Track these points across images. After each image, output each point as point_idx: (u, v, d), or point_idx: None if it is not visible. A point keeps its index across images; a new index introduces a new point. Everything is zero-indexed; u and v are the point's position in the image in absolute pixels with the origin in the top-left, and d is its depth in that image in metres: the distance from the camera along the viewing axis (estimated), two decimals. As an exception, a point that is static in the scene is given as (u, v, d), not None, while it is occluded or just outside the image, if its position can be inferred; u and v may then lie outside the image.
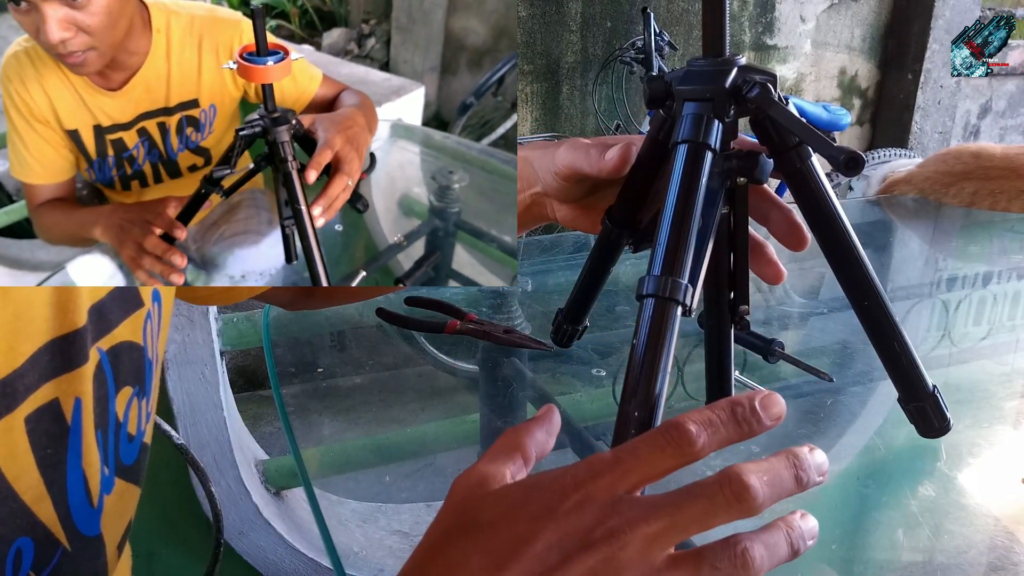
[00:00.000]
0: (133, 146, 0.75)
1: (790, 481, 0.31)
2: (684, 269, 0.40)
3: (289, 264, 0.71)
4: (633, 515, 0.29)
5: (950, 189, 1.54)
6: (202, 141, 0.78)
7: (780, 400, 0.32)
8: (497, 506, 0.31)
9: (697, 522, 0.29)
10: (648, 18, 2.61)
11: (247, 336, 1.44)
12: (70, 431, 0.42)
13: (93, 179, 0.77)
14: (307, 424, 0.92)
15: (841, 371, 0.91)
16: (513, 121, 0.98)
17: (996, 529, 0.68)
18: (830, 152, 0.42)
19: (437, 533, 0.32)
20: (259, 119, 0.66)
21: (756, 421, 0.32)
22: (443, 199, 0.74)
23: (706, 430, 0.31)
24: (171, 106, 0.75)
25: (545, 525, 0.29)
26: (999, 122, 4.07)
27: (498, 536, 0.30)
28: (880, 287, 0.48)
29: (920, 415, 0.50)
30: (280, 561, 1.49)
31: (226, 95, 0.77)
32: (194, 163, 0.79)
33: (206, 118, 0.77)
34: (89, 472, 0.44)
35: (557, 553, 0.29)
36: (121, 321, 0.47)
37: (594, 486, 0.30)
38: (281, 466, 1.58)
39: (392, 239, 0.77)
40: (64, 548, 0.42)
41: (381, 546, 1.54)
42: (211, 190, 0.67)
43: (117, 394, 0.47)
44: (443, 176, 0.74)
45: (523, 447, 0.36)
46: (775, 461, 0.31)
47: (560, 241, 1.48)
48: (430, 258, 0.74)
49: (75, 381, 0.42)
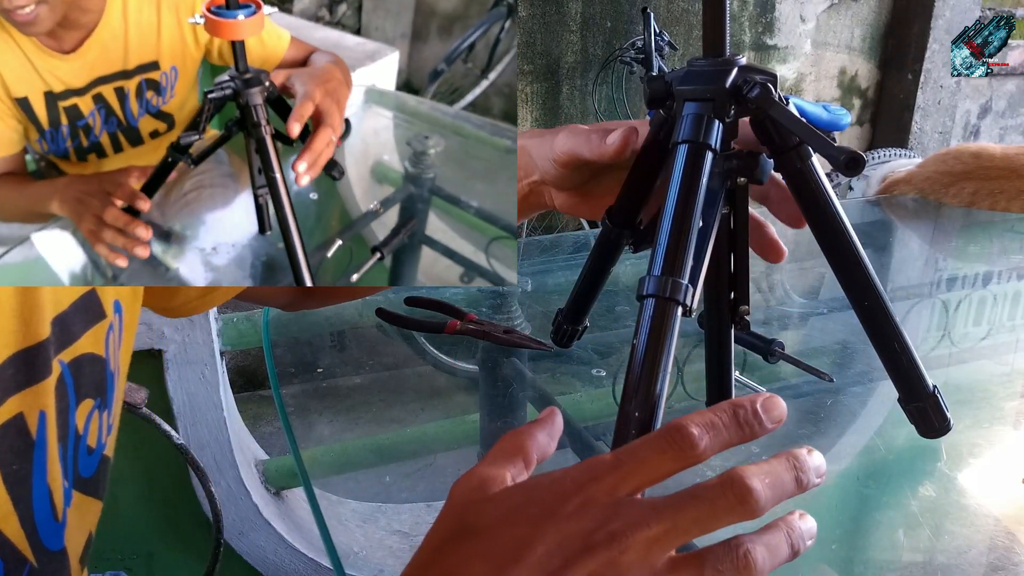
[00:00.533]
0: (88, 113, 0.70)
1: (791, 483, 0.31)
2: (684, 269, 0.40)
3: (263, 235, 0.68)
4: (634, 518, 0.29)
5: (950, 189, 1.54)
6: (164, 105, 0.74)
7: (781, 403, 0.32)
8: (497, 509, 0.31)
9: (699, 525, 0.29)
10: (648, 18, 2.61)
11: (247, 336, 1.44)
12: (35, 445, 0.42)
13: (45, 151, 0.72)
14: (307, 424, 0.92)
15: (841, 371, 0.91)
16: (482, 87, 0.97)
17: (996, 529, 0.68)
18: (830, 152, 0.42)
19: (437, 537, 0.32)
20: (229, 80, 0.61)
21: (758, 424, 0.32)
22: (418, 165, 0.72)
23: (708, 433, 0.31)
24: (129, 69, 0.70)
25: (545, 529, 0.29)
26: (999, 122, 4.07)
27: (498, 540, 0.30)
28: (880, 287, 0.48)
29: (920, 415, 0.50)
30: (280, 561, 1.49)
31: (188, 56, 0.72)
32: (156, 128, 0.75)
33: (167, 81, 0.72)
34: (53, 486, 0.43)
35: (558, 557, 0.29)
36: (83, 333, 0.47)
37: (594, 489, 0.30)
38: (281, 466, 1.58)
39: (364, 207, 0.75)
40: (31, 564, 0.42)
41: (381, 546, 1.54)
42: (178, 158, 0.63)
43: (78, 406, 0.46)
44: (419, 142, 0.71)
45: (524, 449, 0.36)
46: (776, 463, 0.31)
47: (560, 241, 1.48)
48: (407, 225, 0.72)
49: (39, 394, 0.42)
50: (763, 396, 0.32)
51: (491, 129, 0.78)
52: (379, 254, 0.70)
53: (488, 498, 0.32)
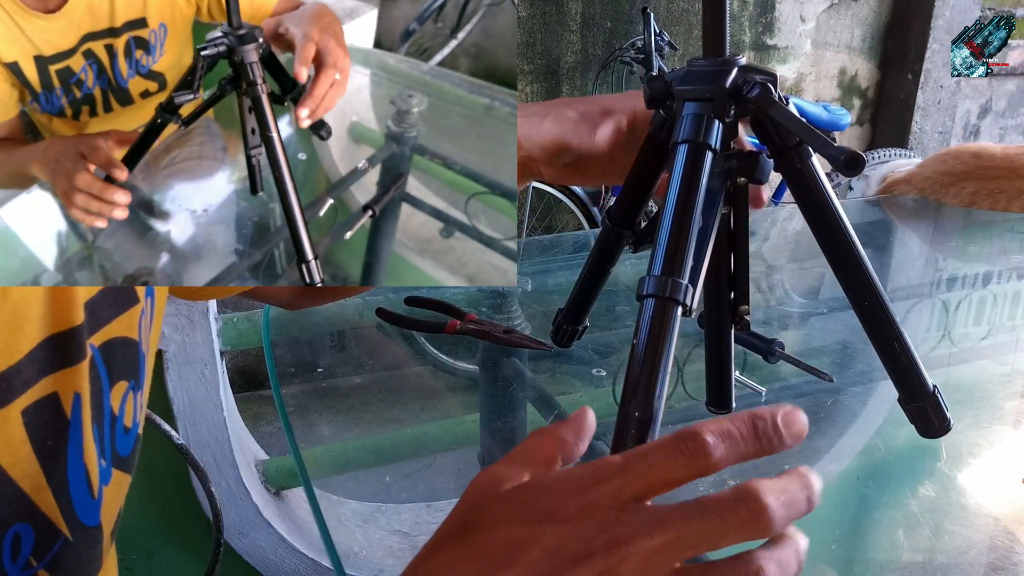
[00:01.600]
0: (80, 69, 0.68)
1: (803, 503, 0.29)
2: (684, 269, 0.40)
3: (255, 195, 0.68)
4: (638, 525, 0.28)
5: (950, 189, 1.54)
6: (153, 65, 0.72)
7: (803, 417, 0.31)
8: (500, 508, 0.30)
9: (707, 540, 0.27)
10: (648, 18, 2.61)
11: (247, 336, 1.44)
12: (70, 425, 0.43)
13: (39, 111, 0.70)
14: (307, 424, 0.92)
15: (841, 371, 0.91)
16: (451, 47, 0.97)
17: (996, 529, 0.68)
18: (830, 152, 0.42)
19: (439, 533, 0.32)
20: (223, 37, 0.59)
21: (777, 438, 0.30)
22: (402, 123, 0.71)
23: (724, 442, 0.29)
24: (117, 26, 0.68)
25: (543, 531, 0.28)
26: (999, 122, 4.07)
27: (494, 540, 0.29)
28: (880, 287, 0.48)
29: (920, 415, 0.50)
30: (280, 561, 1.49)
31: (177, 13, 0.71)
32: (146, 88, 0.73)
33: (156, 39, 0.71)
34: (89, 465, 0.45)
35: (554, 560, 0.28)
36: (114, 317, 0.48)
37: (599, 492, 0.29)
38: (281, 466, 1.58)
39: (342, 167, 0.74)
40: (65, 537, 0.43)
41: (381, 546, 1.54)
42: (168, 119, 0.61)
43: (112, 388, 0.47)
44: (403, 100, 0.70)
45: (546, 449, 0.34)
46: (790, 481, 0.29)
47: (560, 241, 1.48)
48: (397, 182, 0.71)
49: (74, 376, 0.43)
50: (784, 409, 0.30)
51: (469, 87, 0.78)
52: (371, 211, 0.69)
53: (494, 496, 0.31)
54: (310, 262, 0.63)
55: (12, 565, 0.40)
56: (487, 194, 0.70)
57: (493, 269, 0.72)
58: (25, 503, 0.41)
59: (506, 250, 0.71)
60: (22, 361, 0.40)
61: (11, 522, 0.40)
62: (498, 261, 0.72)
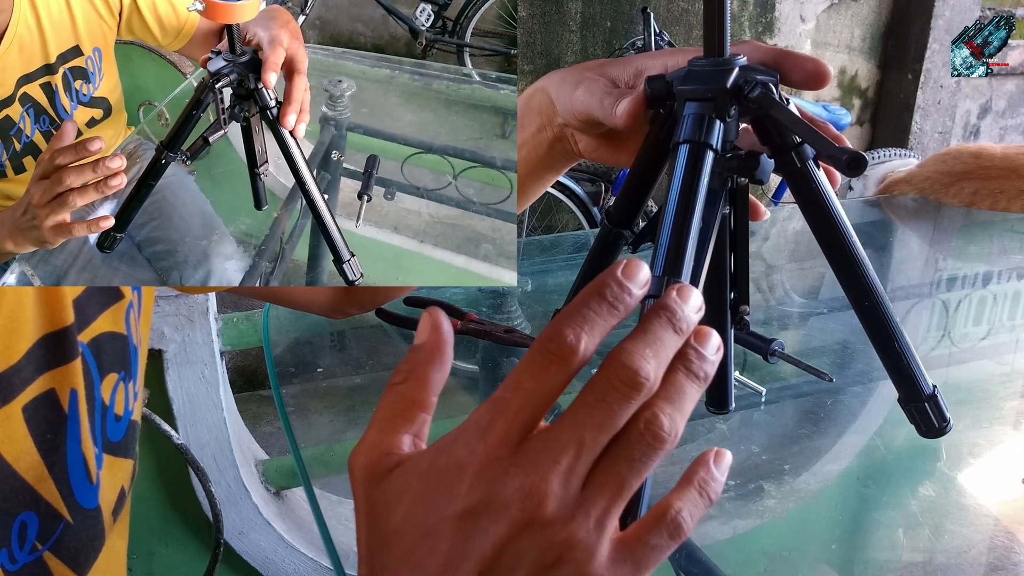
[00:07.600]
0: (19, 119, 0.64)
1: (671, 338, 0.29)
2: (684, 269, 0.40)
3: (259, 209, 0.70)
4: (539, 461, 0.27)
5: (950, 189, 1.54)
6: (95, 92, 0.70)
7: (641, 264, 0.29)
8: (400, 504, 0.28)
9: (604, 430, 0.27)
10: (648, 18, 2.61)
11: (247, 336, 1.44)
12: (68, 418, 0.45)
13: None
14: (307, 424, 0.92)
15: (841, 371, 0.91)
16: (300, 22, 1.04)
17: (996, 529, 0.68)
18: (832, 153, 0.42)
19: (362, 547, 0.30)
20: (228, 65, 0.59)
21: (628, 295, 0.29)
22: (335, 107, 0.76)
23: (582, 328, 0.28)
24: (52, 61, 0.65)
25: (458, 525, 0.27)
26: (999, 122, 4.07)
27: (414, 547, 0.27)
28: (880, 287, 0.48)
29: (920, 415, 0.50)
30: (280, 561, 1.49)
31: (106, 34, 0.69)
32: (92, 117, 0.71)
33: (93, 65, 0.69)
34: (88, 454, 0.47)
35: (485, 547, 0.26)
36: (100, 314, 0.49)
37: (487, 446, 0.27)
38: (281, 466, 1.58)
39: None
40: (67, 521, 0.45)
41: (381, 546, 1.54)
42: (172, 158, 0.61)
43: (103, 380, 0.49)
44: (333, 85, 0.76)
45: (418, 400, 0.31)
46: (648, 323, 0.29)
47: (560, 241, 1.48)
48: (374, 164, 0.75)
49: (68, 374, 0.45)
50: (621, 263, 0.29)
51: (371, 62, 0.88)
52: (367, 197, 0.74)
53: (388, 488, 0.29)
54: (348, 261, 0.64)
55: (20, 551, 0.42)
56: (420, 154, 0.79)
57: (492, 233, 0.80)
58: (30, 493, 0.43)
59: (499, 213, 0.78)
60: (20, 361, 0.42)
61: (17, 511, 0.42)
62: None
